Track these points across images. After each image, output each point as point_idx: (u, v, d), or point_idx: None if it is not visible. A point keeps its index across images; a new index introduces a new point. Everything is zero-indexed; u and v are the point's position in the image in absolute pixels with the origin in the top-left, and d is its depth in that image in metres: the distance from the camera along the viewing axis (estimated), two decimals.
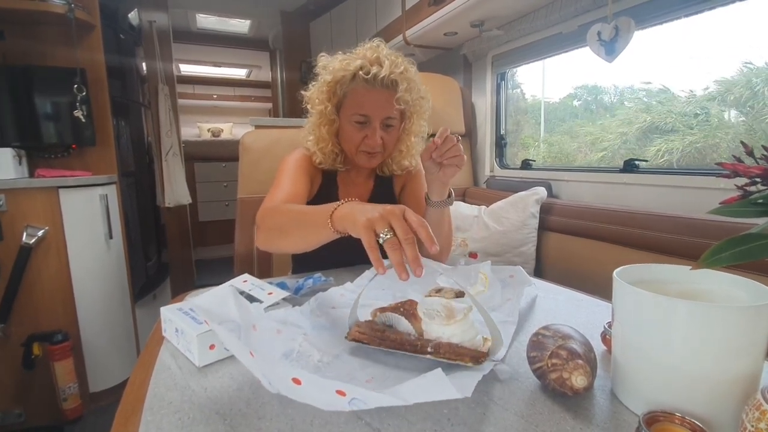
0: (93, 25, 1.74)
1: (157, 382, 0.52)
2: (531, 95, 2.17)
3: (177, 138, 2.78)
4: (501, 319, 0.62)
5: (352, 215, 0.59)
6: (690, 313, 0.42)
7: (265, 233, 0.80)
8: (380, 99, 0.89)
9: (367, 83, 0.89)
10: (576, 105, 2.09)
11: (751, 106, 1.33)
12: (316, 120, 0.95)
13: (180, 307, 0.67)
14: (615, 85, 1.88)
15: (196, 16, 3.74)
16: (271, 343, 0.59)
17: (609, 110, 1.91)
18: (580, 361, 0.47)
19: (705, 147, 1.47)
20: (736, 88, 1.34)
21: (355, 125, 0.91)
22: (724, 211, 0.47)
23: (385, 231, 0.53)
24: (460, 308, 0.59)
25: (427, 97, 0.96)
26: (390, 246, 0.52)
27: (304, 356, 0.59)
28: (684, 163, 1.49)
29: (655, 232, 1.16)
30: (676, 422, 0.41)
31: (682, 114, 1.52)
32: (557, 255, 1.48)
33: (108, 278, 1.79)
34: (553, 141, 2.10)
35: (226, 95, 5.61)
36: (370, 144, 0.92)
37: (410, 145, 1.01)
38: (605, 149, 1.83)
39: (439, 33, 1.95)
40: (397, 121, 0.94)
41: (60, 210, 1.62)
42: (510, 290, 0.70)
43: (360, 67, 0.88)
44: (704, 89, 1.45)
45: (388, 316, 0.62)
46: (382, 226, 0.54)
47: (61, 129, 1.73)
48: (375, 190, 1.08)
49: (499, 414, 0.46)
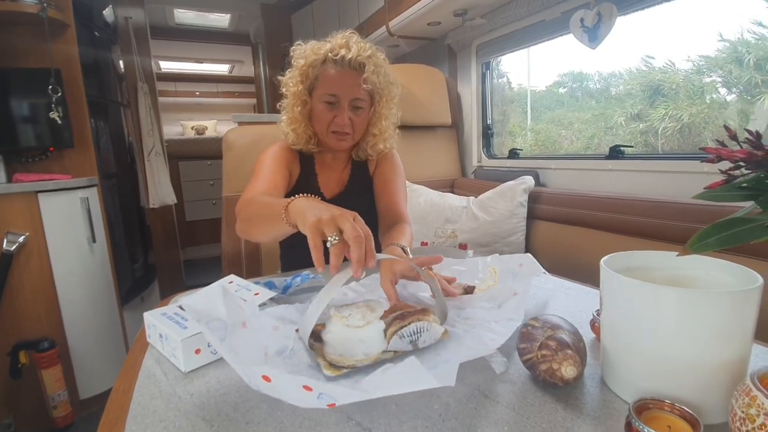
0: (66, 23, 1.68)
1: (142, 390, 0.51)
2: (517, 84, 2.16)
3: (159, 137, 2.72)
4: (506, 316, 0.61)
5: (303, 212, 0.59)
6: (678, 300, 0.42)
7: (241, 223, 0.84)
8: (348, 80, 0.94)
9: (336, 64, 0.93)
10: (562, 92, 2.09)
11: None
12: (291, 101, 1.00)
13: (164, 312, 0.65)
14: (599, 72, 1.88)
15: (174, 11, 3.65)
16: (265, 340, 0.58)
17: (594, 97, 1.92)
18: (569, 351, 0.47)
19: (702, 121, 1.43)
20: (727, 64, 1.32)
21: (325, 105, 0.95)
22: (709, 196, 0.47)
23: (333, 235, 0.53)
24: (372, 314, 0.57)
25: (396, 83, 1.00)
26: (336, 252, 0.52)
27: (297, 354, 0.58)
28: (684, 137, 1.46)
29: (643, 217, 1.17)
30: (666, 409, 0.41)
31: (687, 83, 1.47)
32: (546, 243, 1.49)
33: (93, 282, 1.76)
34: (539, 129, 2.10)
35: (209, 92, 5.51)
36: (338, 123, 0.95)
37: (382, 128, 1.04)
38: (592, 136, 1.83)
39: (423, 23, 1.92)
40: (366, 104, 0.98)
41: (40, 215, 1.58)
42: (518, 282, 0.70)
43: (330, 49, 0.94)
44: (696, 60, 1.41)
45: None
46: (330, 229, 0.53)
47: (38, 131, 1.67)
48: (353, 175, 1.11)
49: (491, 408, 0.46)
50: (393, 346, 0.55)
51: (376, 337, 0.55)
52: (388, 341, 0.55)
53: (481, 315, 0.66)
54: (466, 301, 0.71)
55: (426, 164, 1.99)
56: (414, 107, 1.88)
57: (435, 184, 1.87)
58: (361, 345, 0.53)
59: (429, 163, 2.00)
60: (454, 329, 0.64)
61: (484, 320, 0.64)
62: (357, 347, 0.53)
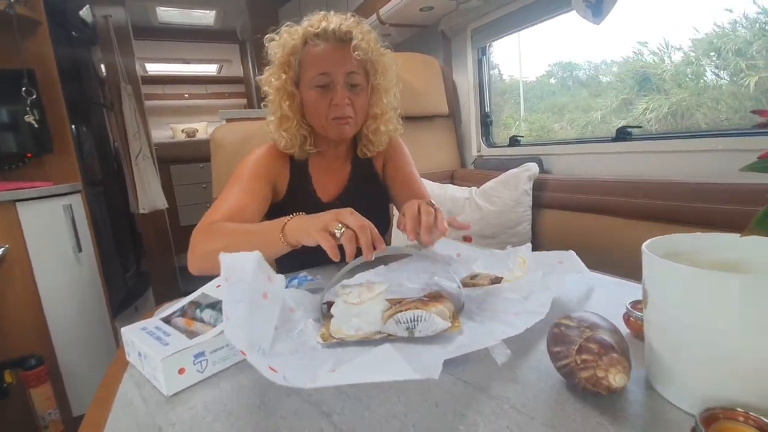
0: (38, 21, 1.59)
1: (116, 424, 0.43)
2: (508, 75, 2.11)
3: (147, 140, 2.63)
4: (529, 309, 0.56)
5: (304, 226, 0.62)
6: (745, 289, 0.35)
7: (201, 258, 0.74)
8: (336, 53, 0.83)
9: (319, 38, 0.83)
10: (552, 82, 2.06)
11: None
12: (276, 98, 0.87)
13: (144, 326, 0.58)
14: (589, 61, 1.85)
15: (157, 9, 3.54)
16: (278, 317, 0.55)
17: (586, 86, 1.88)
18: (616, 355, 0.40)
19: (691, 106, 1.43)
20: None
21: (317, 90, 0.84)
22: (760, 167, 0.40)
23: (339, 227, 0.57)
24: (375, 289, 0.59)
25: (388, 54, 0.89)
26: (347, 239, 0.56)
27: (304, 335, 0.57)
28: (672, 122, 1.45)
29: (659, 200, 1.10)
30: (740, 419, 0.35)
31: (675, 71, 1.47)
32: (554, 232, 1.42)
33: (81, 294, 1.68)
34: (533, 119, 2.05)
35: (198, 93, 5.41)
36: (338, 105, 0.83)
37: (383, 107, 0.91)
38: (586, 124, 1.79)
39: (415, 8, 1.84)
40: (362, 79, 0.86)
41: (20, 225, 1.49)
42: (552, 277, 0.64)
43: (308, 26, 0.84)
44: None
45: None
46: (334, 225, 0.58)
47: (13, 137, 1.59)
48: (353, 174, 0.99)
49: (526, 426, 0.39)
50: (388, 328, 0.55)
51: (371, 316, 0.56)
52: (384, 322, 0.56)
53: (501, 307, 0.61)
54: (490, 292, 0.65)
55: (424, 156, 1.91)
56: (410, 97, 1.80)
57: (434, 176, 1.80)
58: (355, 321, 0.56)
59: (427, 155, 1.93)
60: (472, 321, 0.59)
61: (503, 312, 0.59)
62: (351, 322, 0.56)
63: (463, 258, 0.80)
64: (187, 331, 0.57)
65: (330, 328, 0.57)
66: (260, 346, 0.48)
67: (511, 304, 0.61)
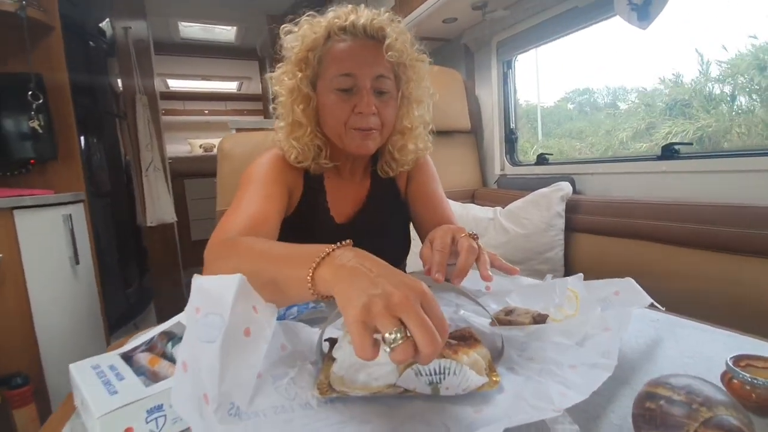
0: (51, 26, 1.56)
1: None
2: (524, 101, 2.00)
3: (159, 152, 2.59)
4: (591, 361, 0.42)
5: (346, 289, 0.37)
6: None
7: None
8: (365, 51, 0.70)
9: (345, 32, 0.70)
10: (570, 108, 1.95)
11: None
12: (288, 99, 0.73)
13: (97, 364, 0.46)
14: (607, 86, 1.74)
15: (179, 24, 3.60)
16: (263, 359, 0.42)
17: (602, 112, 1.76)
18: None
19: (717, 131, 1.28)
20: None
21: (338, 94, 0.70)
22: None
23: (395, 331, 0.34)
24: None
25: (425, 61, 0.76)
26: (401, 352, 0.34)
27: (296, 384, 0.43)
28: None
29: (716, 226, 0.95)
30: None
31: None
32: (590, 260, 1.27)
33: (76, 308, 1.58)
34: (551, 145, 1.92)
35: (218, 110, 5.47)
36: (363, 112, 0.69)
37: (413, 121, 0.78)
38: (607, 148, 1.66)
39: (437, 20, 1.77)
40: (392, 85, 0.72)
41: (16, 234, 1.41)
42: (612, 313, 0.50)
43: (334, 18, 0.71)
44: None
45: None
46: (386, 324, 0.34)
47: (17, 142, 1.53)
48: (372, 191, 0.85)
49: None
50: (406, 382, 0.42)
51: (385, 366, 0.42)
52: (400, 373, 0.42)
53: (551, 356, 0.46)
54: (534, 334, 0.51)
55: (444, 173, 1.76)
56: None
57: (454, 194, 1.67)
58: (365, 371, 0.42)
59: (447, 173, 1.80)
60: (513, 374, 0.45)
61: (554, 363, 0.45)
62: (359, 372, 0.43)
63: (494, 290, 0.67)
64: (149, 373, 0.45)
65: (330, 375, 0.45)
66: (232, 404, 0.36)
67: (563, 353, 0.47)
